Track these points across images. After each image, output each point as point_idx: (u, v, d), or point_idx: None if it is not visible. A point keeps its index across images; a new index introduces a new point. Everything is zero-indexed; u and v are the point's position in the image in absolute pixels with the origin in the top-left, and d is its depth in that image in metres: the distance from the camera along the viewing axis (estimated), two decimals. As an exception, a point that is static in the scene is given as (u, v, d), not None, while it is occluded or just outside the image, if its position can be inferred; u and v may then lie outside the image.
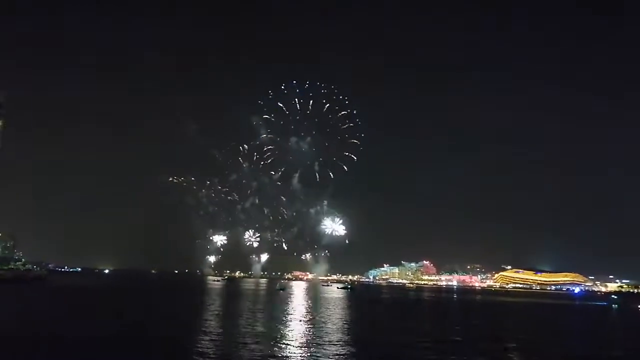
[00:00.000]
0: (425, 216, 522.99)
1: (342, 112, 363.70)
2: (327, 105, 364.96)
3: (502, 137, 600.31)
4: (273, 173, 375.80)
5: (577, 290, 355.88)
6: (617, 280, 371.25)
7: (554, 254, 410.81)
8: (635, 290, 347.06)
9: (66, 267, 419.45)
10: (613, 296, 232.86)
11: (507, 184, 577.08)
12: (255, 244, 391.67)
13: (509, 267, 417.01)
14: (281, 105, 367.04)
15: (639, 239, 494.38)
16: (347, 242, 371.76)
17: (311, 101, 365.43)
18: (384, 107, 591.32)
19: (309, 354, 39.63)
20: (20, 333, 46.32)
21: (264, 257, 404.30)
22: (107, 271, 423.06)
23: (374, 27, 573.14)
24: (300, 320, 66.20)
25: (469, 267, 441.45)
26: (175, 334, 49.46)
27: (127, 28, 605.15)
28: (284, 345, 43.26)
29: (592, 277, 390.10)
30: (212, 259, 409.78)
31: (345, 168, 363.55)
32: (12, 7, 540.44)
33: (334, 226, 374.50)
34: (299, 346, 43.49)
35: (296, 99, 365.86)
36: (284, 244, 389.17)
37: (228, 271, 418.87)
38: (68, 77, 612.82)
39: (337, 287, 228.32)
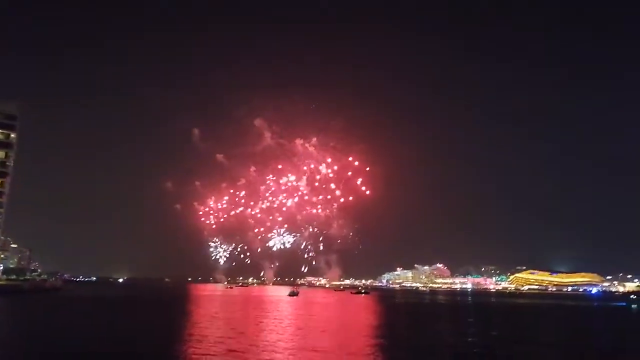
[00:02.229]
0: (438, 219, 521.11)
1: (348, 114, 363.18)
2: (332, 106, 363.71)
3: (517, 135, 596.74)
4: (280, 176, 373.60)
5: (594, 290, 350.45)
6: (636, 280, 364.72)
7: (570, 254, 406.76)
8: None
9: (81, 277, 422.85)
10: (632, 296, 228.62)
11: (521, 186, 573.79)
12: (266, 250, 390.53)
13: (524, 268, 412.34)
14: (284, 107, 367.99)
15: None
16: (358, 249, 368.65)
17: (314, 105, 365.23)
18: (391, 109, 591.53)
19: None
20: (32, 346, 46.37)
21: (276, 263, 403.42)
22: (121, 280, 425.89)
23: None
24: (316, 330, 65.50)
25: (483, 269, 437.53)
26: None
27: (129, 31, 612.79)
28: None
29: (610, 277, 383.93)
30: (224, 266, 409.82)
31: (350, 173, 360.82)
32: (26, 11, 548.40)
33: (344, 230, 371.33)
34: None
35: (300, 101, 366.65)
36: (295, 249, 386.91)
37: (241, 278, 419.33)
38: (72, 83, 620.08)
39: (351, 292, 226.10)
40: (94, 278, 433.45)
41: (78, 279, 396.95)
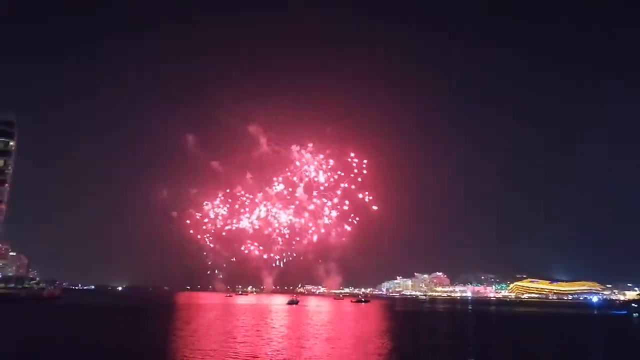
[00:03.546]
0: (438, 227, 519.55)
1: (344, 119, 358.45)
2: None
3: (516, 144, 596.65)
4: (277, 183, 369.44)
5: (595, 299, 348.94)
6: (636, 289, 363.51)
7: (570, 262, 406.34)
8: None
9: (80, 285, 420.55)
10: (633, 305, 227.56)
11: (520, 193, 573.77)
12: (265, 258, 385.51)
13: (524, 276, 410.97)
14: (279, 112, 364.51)
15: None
16: (357, 257, 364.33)
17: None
18: (389, 113, 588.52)
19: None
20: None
21: (275, 271, 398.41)
22: (120, 288, 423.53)
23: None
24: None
25: (483, 277, 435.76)
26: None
27: (125, 39, 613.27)
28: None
29: (610, 286, 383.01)
30: (222, 274, 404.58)
31: (352, 176, 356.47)
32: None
33: (343, 238, 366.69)
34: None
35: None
36: (294, 258, 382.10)
37: (240, 286, 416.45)
38: (68, 89, 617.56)
39: (351, 301, 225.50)
40: (93, 286, 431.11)
41: (77, 287, 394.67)
